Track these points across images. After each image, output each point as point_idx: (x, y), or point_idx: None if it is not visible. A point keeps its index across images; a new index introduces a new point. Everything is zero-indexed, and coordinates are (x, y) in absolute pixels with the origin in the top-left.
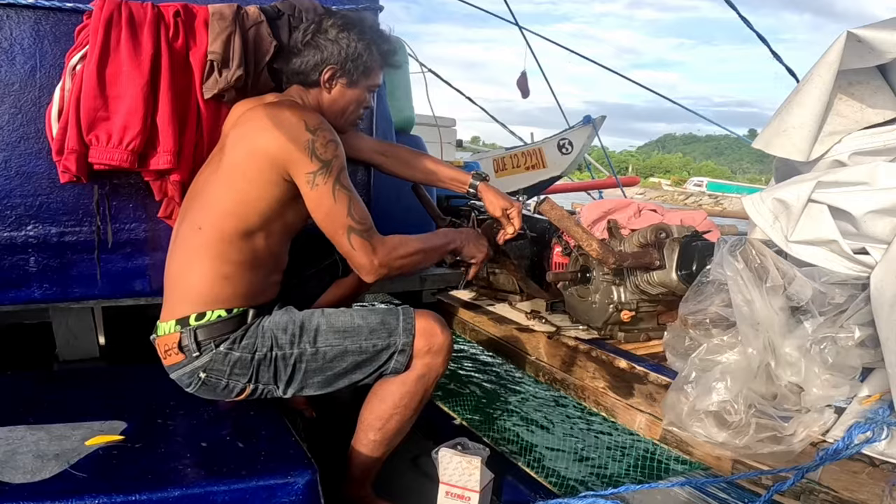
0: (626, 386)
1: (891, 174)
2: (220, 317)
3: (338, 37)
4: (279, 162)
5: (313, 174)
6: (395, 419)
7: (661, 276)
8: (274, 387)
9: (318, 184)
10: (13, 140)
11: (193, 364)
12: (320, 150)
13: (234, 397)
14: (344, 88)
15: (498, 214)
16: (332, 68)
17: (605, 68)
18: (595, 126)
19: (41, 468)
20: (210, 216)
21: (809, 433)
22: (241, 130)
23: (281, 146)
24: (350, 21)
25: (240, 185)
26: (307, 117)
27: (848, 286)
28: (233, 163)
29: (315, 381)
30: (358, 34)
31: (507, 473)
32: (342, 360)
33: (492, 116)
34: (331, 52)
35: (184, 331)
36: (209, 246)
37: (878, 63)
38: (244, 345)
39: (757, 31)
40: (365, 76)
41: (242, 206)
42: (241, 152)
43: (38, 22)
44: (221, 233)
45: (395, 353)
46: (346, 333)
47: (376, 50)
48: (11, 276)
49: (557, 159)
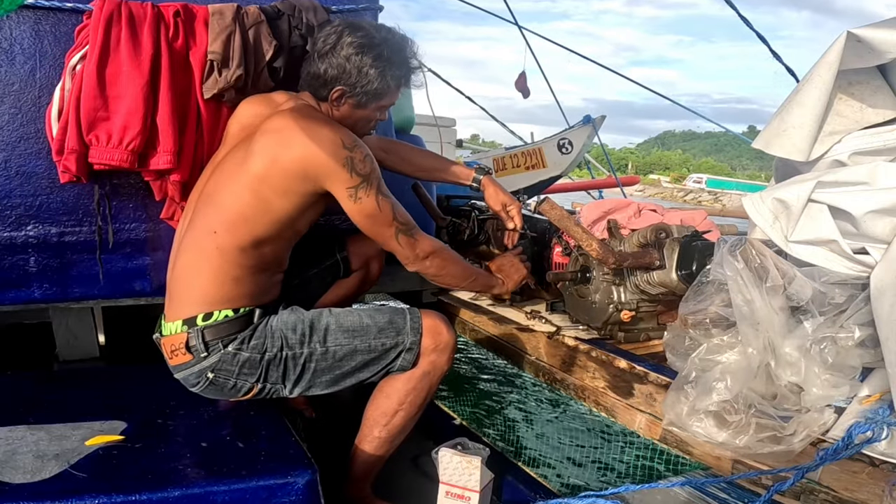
0: (626, 386)
1: (891, 174)
2: (227, 317)
3: (352, 58)
4: (313, 176)
5: (355, 188)
6: (399, 416)
7: (661, 276)
8: (281, 386)
9: (361, 197)
10: (13, 140)
11: (202, 364)
12: (359, 167)
13: (240, 397)
14: (352, 109)
15: (497, 209)
16: (340, 90)
17: (602, 66)
18: (595, 126)
19: (41, 468)
20: (227, 221)
21: (809, 433)
22: (271, 140)
23: (319, 162)
24: (370, 43)
25: (264, 193)
26: (343, 135)
27: (848, 286)
28: (256, 171)
29: (323, 381)
30: (374, 58)
31: (507, 473)
32: (351, 360)
33: (490, 115)
34: (342, 72)
35: (191, 331)
36: (223, 250)
37: (878, 63)
38: (253, 345)
39: (756, 30)
40: (376, 99)
41: (262, 214)
42: (268, 162)
43: (38, 22)
44: (236, 238)
45: (403, 351)
46: (355, 333)
47: (391, 76)
48: (11, 276)
49: (557, 159)
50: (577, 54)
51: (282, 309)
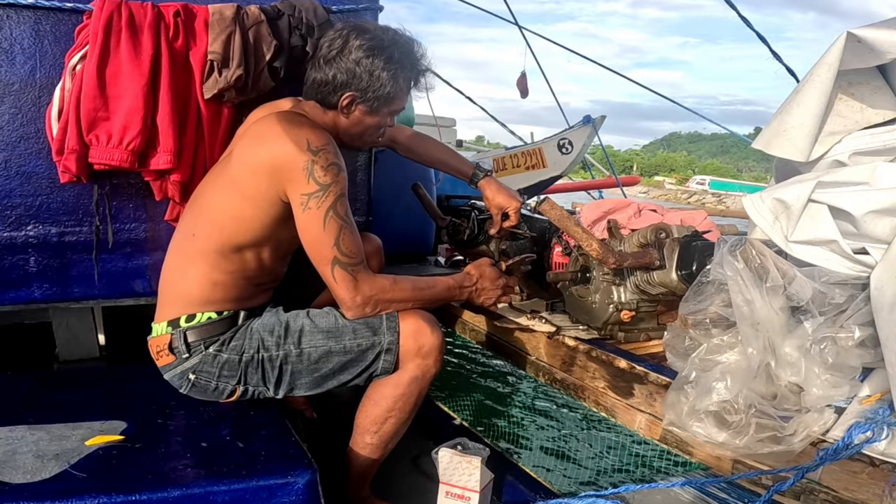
0: (626, 386)
1: (891, 174)
2: (210, 318)
3: (362, 61)
4: (277, 180)
5: (308, 196)
6: (390, 422)
7: (661, 276)
8: (264, 388)
9: (311, 207)
10: (13, 140)
11: (183, 366)
12: (319, 173)
13: (225, 399)
14: (363, 115)
15: (493, 213)
16: (350, 95)
17: (604, 68)
18: (595, 126)
19: (41, 468)
20: (204, 226)
21: (809, 433)
22: (247, 142)
23: (280, 164)
24: (379, 45)
25: (236, 201)
26: (312, 135)
27: (848, 286)
28: (234, 176)
29: (303, 382)
30: (385, 61)
31: (507, 473)
32: (328, 361)
33: (491, 116)
34: (352, 77)
35: (174, 332)
36: (202, 253)
37: (878, 63)
38: (232, 346)
39: (756, 30)
40: (388, 104)
41: (235, 222)
42: (242, 167)
43: (38, 22)
44: (214, 243)
45: (382, 352)
46: (329, 334)
47: (403, 79)
48: (11, 276)
49: (557, 159)
50: (578, 54)
51: (267, 310)
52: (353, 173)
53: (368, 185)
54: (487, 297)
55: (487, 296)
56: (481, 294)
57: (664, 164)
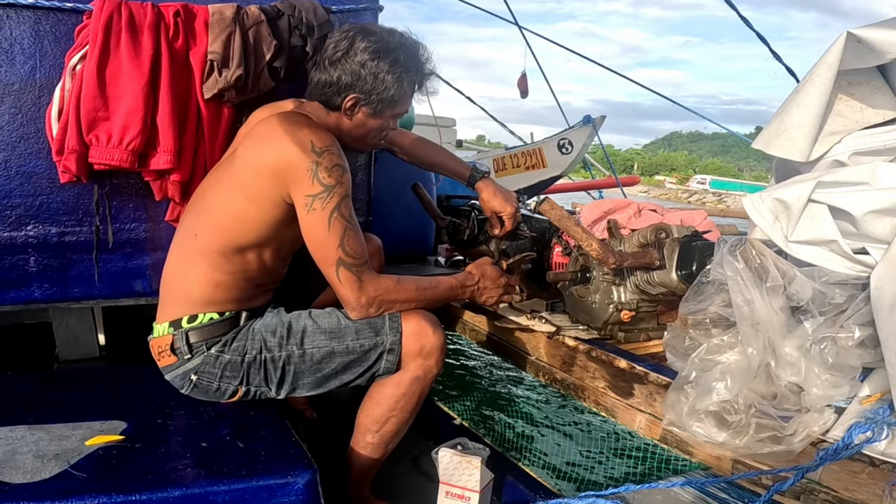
0: (626, 386)
1: (891, 174)
2: (211, 319)
3: (367, 64)
4: (281, 181)
5: (312, 197)
6: (391, 422)
7: (661, 276)
8: (266, 388)
9: (315, 209)
10: (13, 140)
11: (185, 366)
12: (323, 174)
13: (226, 399)
14: (366, 118)
15: (488, 215)
16: (354, 97)
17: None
18: (595, 126)
19: (41, 468)
20: (207, 226)
21: (809, 433)
22: (250, 143)
23: (284, 165)
24: (385, 48)
25: (240, 201)
26: (316, 137)
27: (848, 286)
28: (237, 177)
29: (305, 383)
30: (390, 64)
31: (507, 473)
32: (330, 362)
33: (491, 115)
34: (356, 79)
35: (176, 333)
36: (204, 254)
37: (878, 63)
38: (234, 347)
39: (755, 30)
40: (391, 107)
41: (238, 223)
42: (246, 167)
43: (38, 22)
44: (216, 244)
45: (384, 352)
46: (332, 334)
47: (408, 82)
48: (11, 276)
49: (557, 159)
50: (579, 55)
51: (268, 311)
52: (354, 173)
53: (368, 185)
54: (489, 296)
55: (489, 295)
56: (483, 293)
57: (665, 163)
